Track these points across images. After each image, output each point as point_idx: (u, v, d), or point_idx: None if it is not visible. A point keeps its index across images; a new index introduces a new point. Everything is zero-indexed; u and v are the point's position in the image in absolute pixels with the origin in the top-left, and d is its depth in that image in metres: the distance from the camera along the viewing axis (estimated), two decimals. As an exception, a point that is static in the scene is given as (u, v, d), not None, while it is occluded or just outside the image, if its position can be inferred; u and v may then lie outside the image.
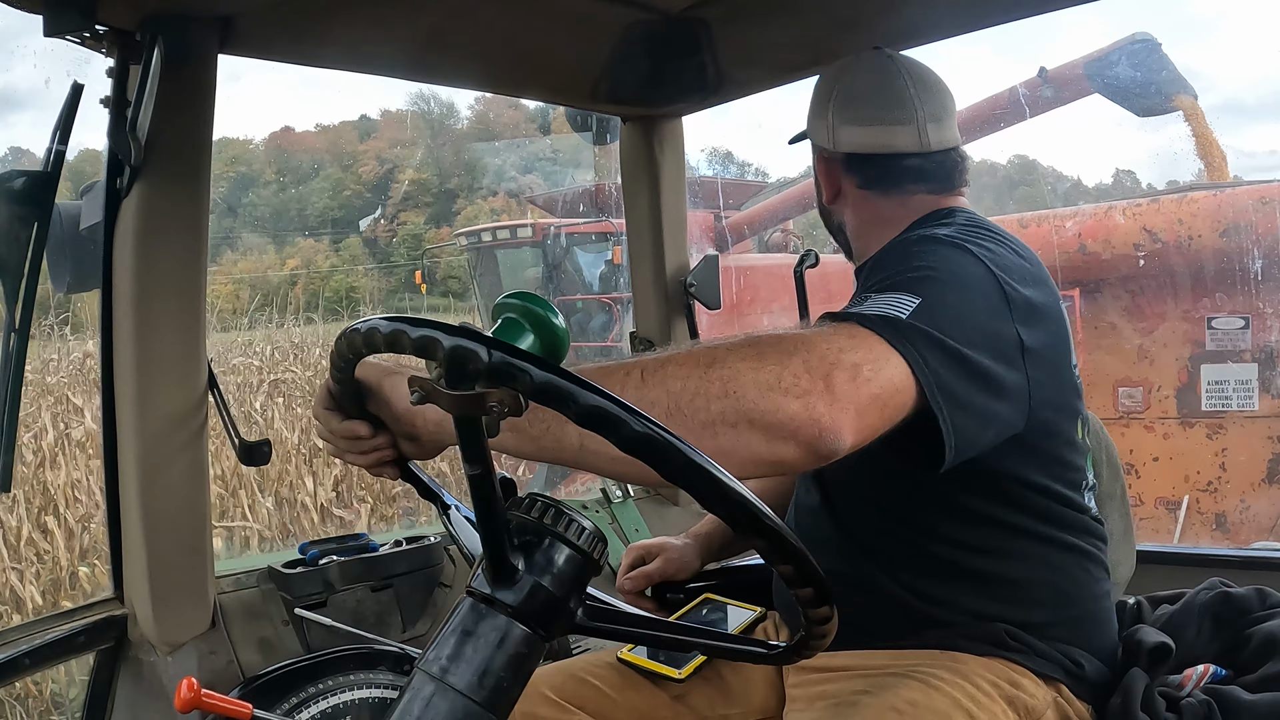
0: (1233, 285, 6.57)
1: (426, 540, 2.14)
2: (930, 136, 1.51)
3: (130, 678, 1.80)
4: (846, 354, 1.04)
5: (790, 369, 1.00)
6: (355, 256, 31.32)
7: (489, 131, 33.09)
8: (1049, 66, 8.17)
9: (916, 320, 1.11)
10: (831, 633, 0.87)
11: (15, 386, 1.66)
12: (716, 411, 0.99)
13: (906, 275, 1.20)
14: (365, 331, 0.81)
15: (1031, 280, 1.31)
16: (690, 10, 1.97)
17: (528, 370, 0.71)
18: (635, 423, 0.72)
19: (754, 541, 0.78)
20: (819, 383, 1.00)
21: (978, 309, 1.21)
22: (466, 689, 0.79)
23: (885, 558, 1.38)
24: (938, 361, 1.10)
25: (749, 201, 12.11)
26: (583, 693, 1.50)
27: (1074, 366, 1.39)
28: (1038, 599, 1.35)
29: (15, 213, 1.62)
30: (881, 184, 1.54)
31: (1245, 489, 6.64)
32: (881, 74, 1.55)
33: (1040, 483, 1.34)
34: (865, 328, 1.09)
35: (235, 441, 1.83)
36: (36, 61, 4.99)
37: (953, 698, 1.25)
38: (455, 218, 28.19)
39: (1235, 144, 53.48)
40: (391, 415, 1.12)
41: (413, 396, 0.77)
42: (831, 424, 1.00)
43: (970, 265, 1.25)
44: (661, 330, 2.58)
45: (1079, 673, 1.35)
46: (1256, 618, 1.42)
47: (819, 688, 1.41)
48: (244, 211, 32.99)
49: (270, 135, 37.24)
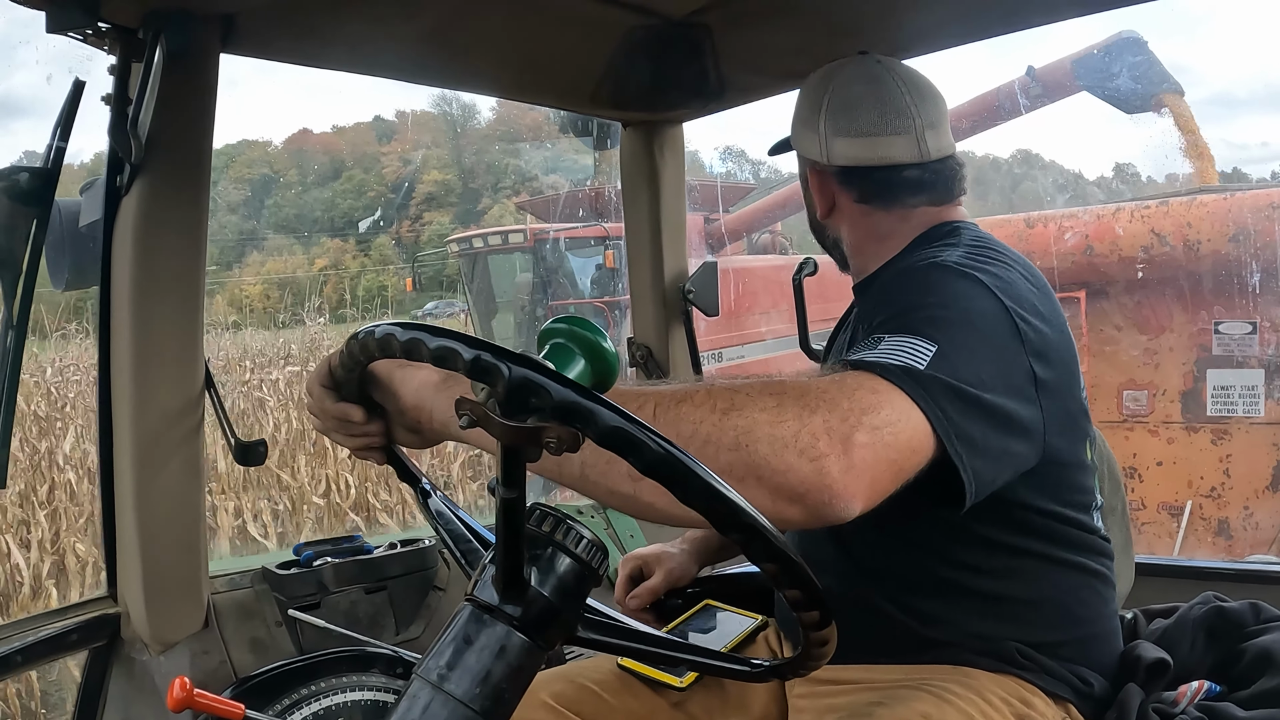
0: (1240, 290, 6.54)
1: (421, 543, 2.13)
2: (929, 145, 1.48)
3: (123, 676, 1.80)
4: (869, 415, 1.01)
5: (809, 428, 0.97)
6: (385, 256, 31.44)
7: (511, 133, 33.17)
8: (1037, 65, 8.16)
9: (935, 370, 1.09)
10: (830, 652, 0.86)
11: (12, 383, 1.66)
12: (725, 463, 0.95)
13: (920, 314, 1.17)
14: (405, 341, 0.79)
15: (1041, 306, 1.29)
16: (692, 15, 1.96)
17: (598, 414, 0.70)
18: (690, 472, 0.72)
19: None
20: (837, 445, 0.97)
21: (993, 348, 1.18)
22: (465, 697, 0.79)
23: (889, 581, 1.36)
24: (957, 411, 1.08)
25: (738, 204, 12.11)
26: (582, 699, 1.50)
27: (1081, 389, 1.37)
28: (1047, 620, 1.34)
29: (15, 209, 1.62)
30: (880, 198, 1.50)
31: (1249, 496, 6.61)
32: (874, 81, 1.50)
33: (1050, 508, 1.33)
34: (886, 380, 1.06)
35: (230, 441, 1.83)
36: (39, 59, 4.98)
37: (965, 712, 1.24)
38: (482, 217, 28.25)
39: (1227, 136, 53.28)
40: (397, 408, 1.11)
41: (461, 420, 0.74)
42: (843, 491, 0.97)
43: (982, 299, 1.22)
44: (659, 336, 2.57)
45: (1087, 691, 1.34)
46: (1250, 632, 1.42)
47: (828, 700, 1.40)
48: (268, 213, 33.13)
49: (288, 138, 37.47)
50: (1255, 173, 20.19)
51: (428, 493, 1.20)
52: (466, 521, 1.18)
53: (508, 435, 0.72)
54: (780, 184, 11.81)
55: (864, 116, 1.49)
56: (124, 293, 1.69)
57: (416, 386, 1.08)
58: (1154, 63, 7.89)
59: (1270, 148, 49.98)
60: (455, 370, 0.75)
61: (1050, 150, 41.91)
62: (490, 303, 11.83)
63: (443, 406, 1.06)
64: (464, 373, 0.74)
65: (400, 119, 37.03)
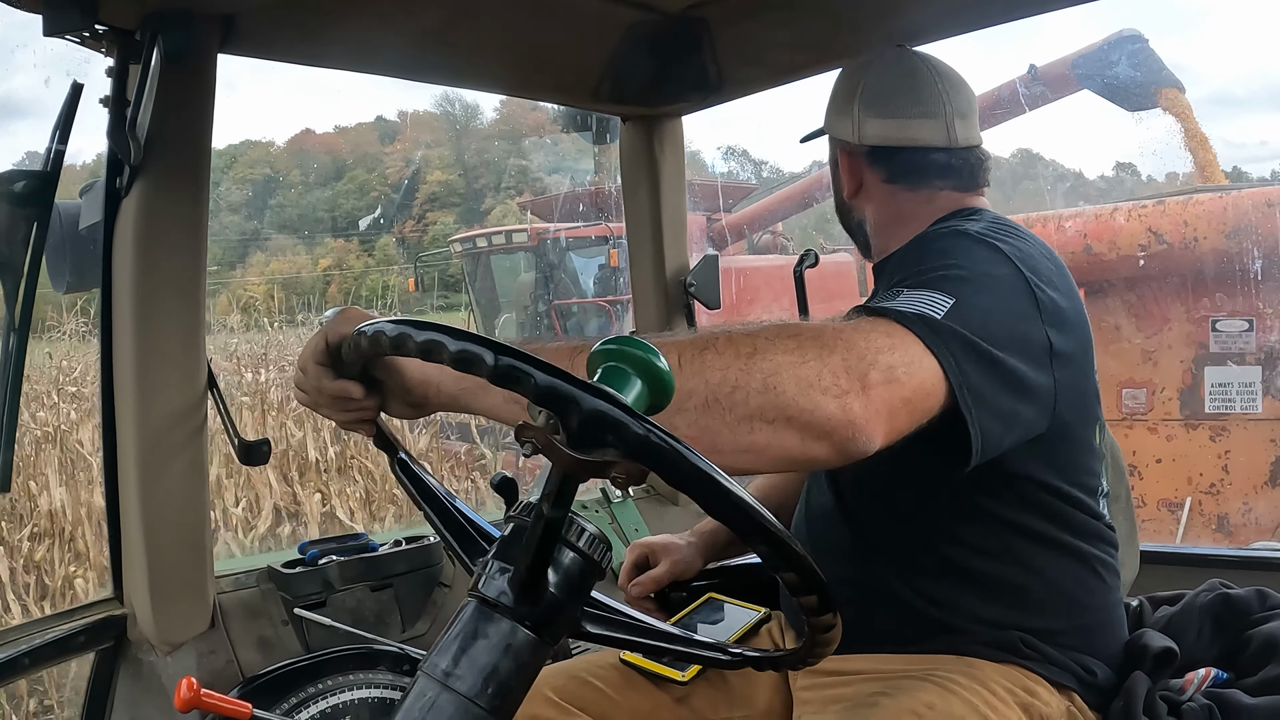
0: (1237, 287, 6.54)
1: (426, 540, 2.13)
2: (958, 133, 1.51)
3: (130, 677, 1.79)
4: (884, 354, 1.04)
5: (830, 366, 1.00)
6: (389, 256, 31.44)
7: (515, 132, 33.20)
8: (1038, 64, 8.17)
9: (951, 321, 1.11)
10: (835, 640, 0.87)
11: (15, 385, 1.65)
12: (756, 406, 0.98)
13: (939, 273, 1.20)
14: (456, 351, 0.77)
15: (1059, 283, 1.31)
16: (691, 10, 1.97)
17: (682, 455, 0.70)
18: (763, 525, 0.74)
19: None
20: (856, 383, 1.00)
21: (1009, 310, 1.21)
22: (470, 693, 0.79)
23: (898, 562, 1.37)
24: (970, 364, 1.10)
25: (740, 204, 12.11)
26: (584, 694, 1.50)
27: (1094, 371, 1.39)
28: (1052, 606, 1.34)
29: (15, 212, 1.62)
30: (907, 178, 1.53)
31: (1248, 492, 6.61)
32: (908, 70, 1.54)
33: (1056, 485, 1.34)
34: (902, 325, 1.09)
35: (234, 441, 1.83)
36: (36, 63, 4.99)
37: (970, 703, 1.25)
38: (485, 217, 28.26)
39: (1226, 135, 53.44)
40: (401, 385, 1.10)
41: (525, 448, 0.73)
42: (865, 425, 1.00)
43: (1001, 265, 1.25)
44: (661, 329, 2.57)
45: (1091, 681, 1.34)
46: (1256, 619, 1.42)
47: (832, 691, 1.40)
48: (270, 213, 33.13)
49: (290, 139, 37.50)
50: (1255, 171, 20.27)
51: (405, 462, 1.18)
52: (465, 512, 1.17)
53: (575, 467, 0.72)
54: (782, 183, 11.81)
55: (897, 100, 1.53)
56: (125, 294, 1.68)
57: (422, 362, 1.08)
58: (1155, 61, 7.89)
59: (1269, 146, 50.20)
60: (523, 394, 0.73)
61: (1050, 150, 42.05)
62: (493, 302, 11.86)
63: (449, 380, 1.07)
64: (531, 399, 0.73)
65: (402, 118, 37.17)
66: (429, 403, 1.11)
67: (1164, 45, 24.26)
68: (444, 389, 1.08)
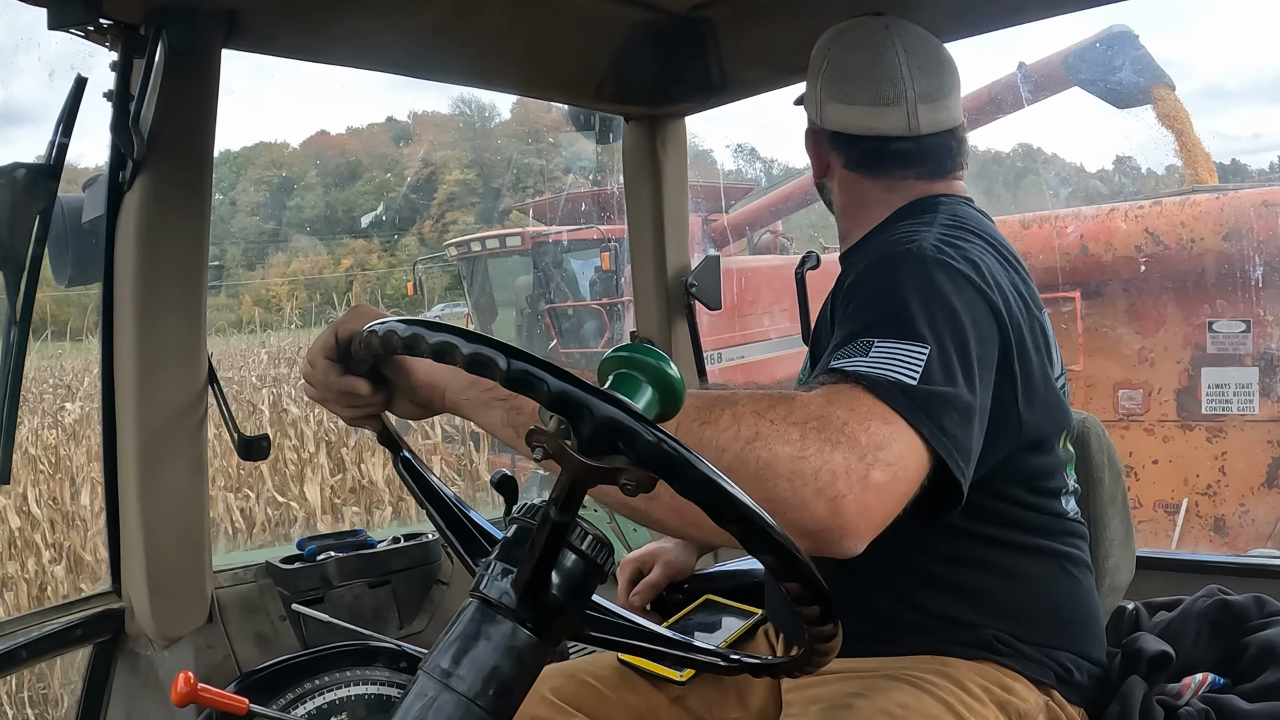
0: (1234, 289, 6.54)
1: (424, 537, 2.14)
2: (920, 119, 1.45)
3: (127, 671, 1.80)
4: (883, 451, 1.00)
5: (829, 466, 0.96)
6: (412, 255, 31.47)
7: (534, 131, 33.18)
8: (1028, 61, 8.15)
9: (930, 383, 1.07)
10: (835, 650, 0.87)
11: (15, 379, 1.65)
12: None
13: (906, 314, 1.14)
14: (470, 354, 0.76)
15: (1020, 287, 1.29)
16: (695, 10, 1.96)
17: (692, 465, 0.70)
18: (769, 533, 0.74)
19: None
20: (856, 485, 0.97)
21: (978, 342, 1.17)
22: (470, 693, 0.79)
23: (864, 570, 1.34)
24: (954, 425, 1.08)
25: (738, 204, 12.08)
26: (582, 694, 1.50)
27: (1056, 379, 1.36)
28: (1021, 604, 1.34)
29: (17, 205, 1.62)
30: (866, 167, 1.49)
31: (1244, 493, 6.62)
32: (873, 48, 1.48)
33: (1015, 494, 1.33)
34: (893, 409, 1.04)
35: (234, 436, 1.83)
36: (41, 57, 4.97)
37: (944, 701, 1.25)
38: (505, 217, 28.23)
39: (1218, 128, 53.46)
40: (409, 384, 1.11)
41: (535, 453, 0.73)
42: (854, 530, 0.98)
43: (963, 290, 1.20)
44: (662, 329, 2.58)
45: (1069, 678, 1.34)
46: (1254, 626, 1.42)
47: (813, 691, 1.40)
48: (289, 214, 33.12)
49: (304, 141, 37.51)
50: (1254, 164, 20.21)
51: (408, 460, 1.19)
52: (466, 511, 1.17)
53: (584, 473, 0.72)
54: (781, 182, 11.79)
55: (856, 84, 1.47)
56: (127, 288, 1.69)
57: (430, 365, 1.09)
58: (1145, 57, 7.86)
59: (1262, 139, 50.44)
60: (535, 399, 0.73)
61: (1050, 144, 41.99)
62: (490, 305, 11.88)
63: (456, 384, 1.07)
64: (544, 403, 0.72)
65: (418, 120, 37.22)
66: (434, 404, 1.11)
67: (1155, 40, 24.28)
68: (449, 395, 1.08)
